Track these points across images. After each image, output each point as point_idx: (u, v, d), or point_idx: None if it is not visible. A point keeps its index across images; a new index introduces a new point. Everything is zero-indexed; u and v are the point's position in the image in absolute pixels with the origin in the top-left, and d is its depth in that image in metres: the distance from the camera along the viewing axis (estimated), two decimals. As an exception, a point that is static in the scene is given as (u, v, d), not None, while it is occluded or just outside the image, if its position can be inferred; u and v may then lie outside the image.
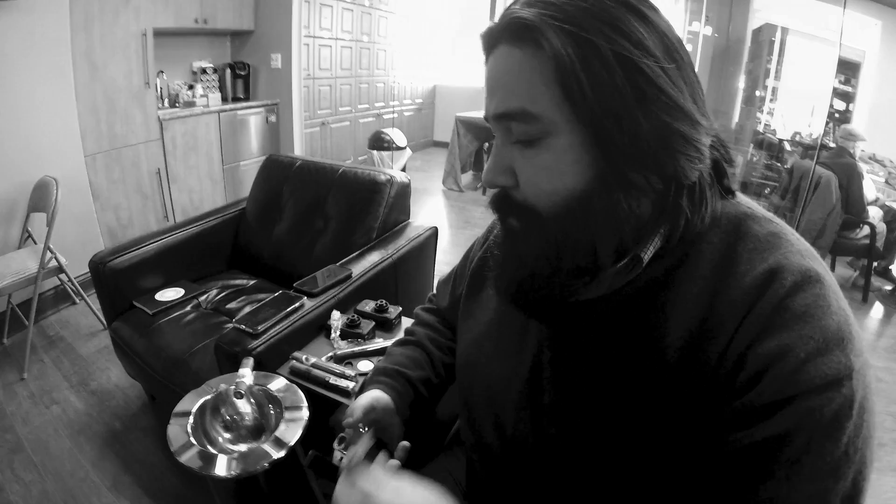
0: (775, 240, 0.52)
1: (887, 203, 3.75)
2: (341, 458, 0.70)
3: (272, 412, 1.09)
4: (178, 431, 1.00)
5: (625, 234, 0.52)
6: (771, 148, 4.60)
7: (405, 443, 0.74)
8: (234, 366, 1.24)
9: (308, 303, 1.55)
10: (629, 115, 0.47)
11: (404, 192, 2.17)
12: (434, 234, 2.20)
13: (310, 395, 1.14)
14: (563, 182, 0.51)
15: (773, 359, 0.46)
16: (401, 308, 1.56)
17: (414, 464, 0.72)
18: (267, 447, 0.97)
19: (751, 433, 0.46)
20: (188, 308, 1.96)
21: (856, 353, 0.47)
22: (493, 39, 0.53)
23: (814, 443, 0.45)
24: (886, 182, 4.16)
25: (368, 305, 1.56)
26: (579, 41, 0.47)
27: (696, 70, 0.52)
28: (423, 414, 0.91)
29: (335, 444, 0.75)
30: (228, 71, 4.18)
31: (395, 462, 0.69)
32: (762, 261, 0.51)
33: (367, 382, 0.90)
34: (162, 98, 3.64)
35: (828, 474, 0.45)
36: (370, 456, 0.68)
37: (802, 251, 0.52)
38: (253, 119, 4.19)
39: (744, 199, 0.59)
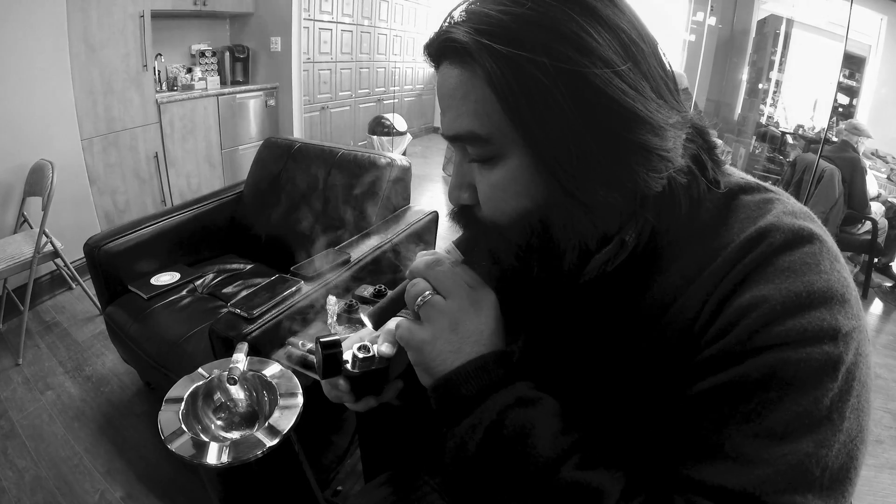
0: (767, 205, 0.50)
1: (889, 199, 3.74)
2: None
3: (266, 399, 1.07)
4: (170, 418, 0.98)
5: (590, 244, 0.51)
6: (773, 141, 4.57)
7: (399, 382, 0.72)
8: (229, 351, 1.22)
9: (305, 287, 1.52)
10: (576, 135, 0.44)
11: (405, 176, 2.14)
12: (434, 218, 2.18)
13: (305, 381, 1.12)
14: (520, 202, 0.49)
15: (747, 309, 0.43)
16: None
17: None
18: (260, 435, 0.95)
19: (713, 379, 0.43)
20: (183, 292, 1.93)
21: (846, 315, 0.43)
22: (435, 56, 0.50)
23: (787, 398, 0.40)
24: (888, 178, 4.15)
25: (367, 290, 1.53)
26: (514, 60, 0.43)
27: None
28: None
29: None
30: (227, 54, 4.11)
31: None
32: (753, 224, 0.48)
33: None
34: (160, 81, 3.58)
35: (803, 433, 0.40)
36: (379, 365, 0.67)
37: (797, 212, 0.49)
38: (252, 103, 4.14)
39: (736, 172, 0.56)
